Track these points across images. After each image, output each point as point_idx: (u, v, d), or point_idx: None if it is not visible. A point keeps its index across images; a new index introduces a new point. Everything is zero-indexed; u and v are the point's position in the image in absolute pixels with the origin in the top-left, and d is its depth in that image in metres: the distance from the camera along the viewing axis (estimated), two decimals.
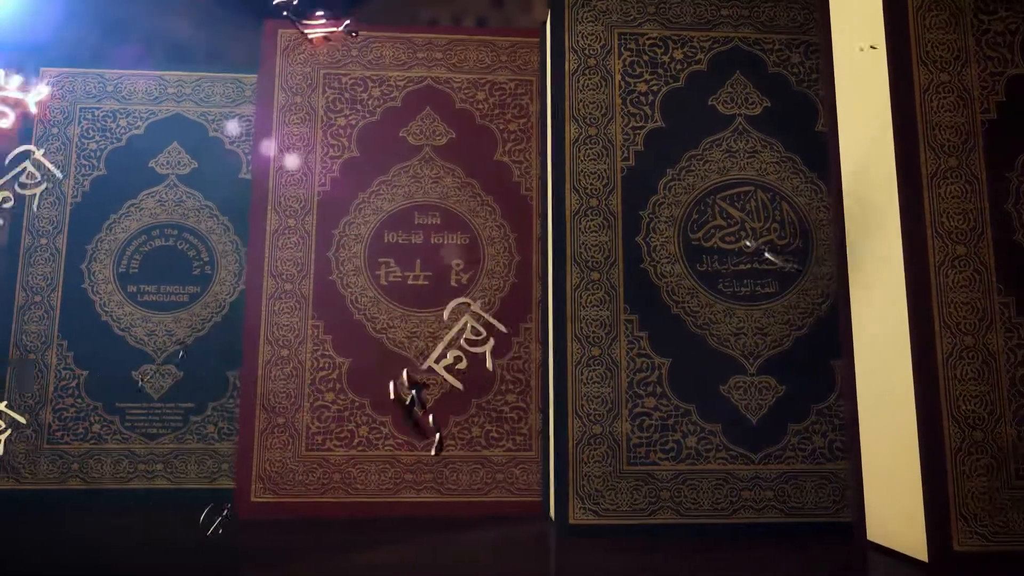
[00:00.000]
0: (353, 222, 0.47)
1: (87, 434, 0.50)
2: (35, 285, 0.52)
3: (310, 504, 0.44)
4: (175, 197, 0.53)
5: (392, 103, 0.48)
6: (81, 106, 0.54)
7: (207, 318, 0.52)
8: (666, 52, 0.43)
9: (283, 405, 0.45)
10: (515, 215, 0.48)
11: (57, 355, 0.51)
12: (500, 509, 0.45)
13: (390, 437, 0.45)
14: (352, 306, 0.46)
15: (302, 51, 0.48)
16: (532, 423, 0.46)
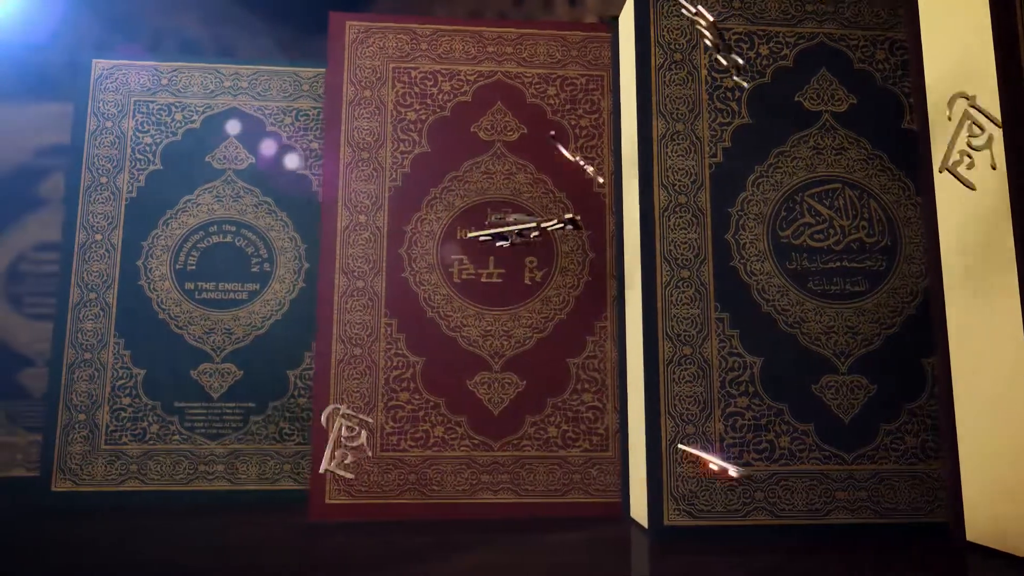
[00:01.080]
0: (425, 218, 0.46)
1: (145, 435, 0.49)
2: (90, 282, 0.50)
3: (386, 506, 0.44)
4: (232, 193, 0.52)
5: (463, 97, 0.48)
6: (135, 99, 0.53)
7: (267, 316, 0.51)
8: (752, 48, 0.42)
9: (357, 405, 0.44)
10: (590, 211, 0.47)
11: (114, 354, 0.50)
12: (577, 510, 0.44)
13: (466, 437, 0.45)
14: (425, 304, 0.46)
15: (371, 44, 0.47)
16: (609, 423, 0.45)
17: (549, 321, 0.46)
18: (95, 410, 0.49)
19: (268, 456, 0.50)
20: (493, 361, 0.45)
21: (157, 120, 0.52)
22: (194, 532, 0.42)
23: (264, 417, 0.50)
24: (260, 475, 0.50)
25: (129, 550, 0.38)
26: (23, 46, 0.62)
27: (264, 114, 0.53)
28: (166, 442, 0.49)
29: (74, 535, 0.41)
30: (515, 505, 0.44)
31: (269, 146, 0.53)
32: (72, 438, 0.49)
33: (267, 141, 0.53)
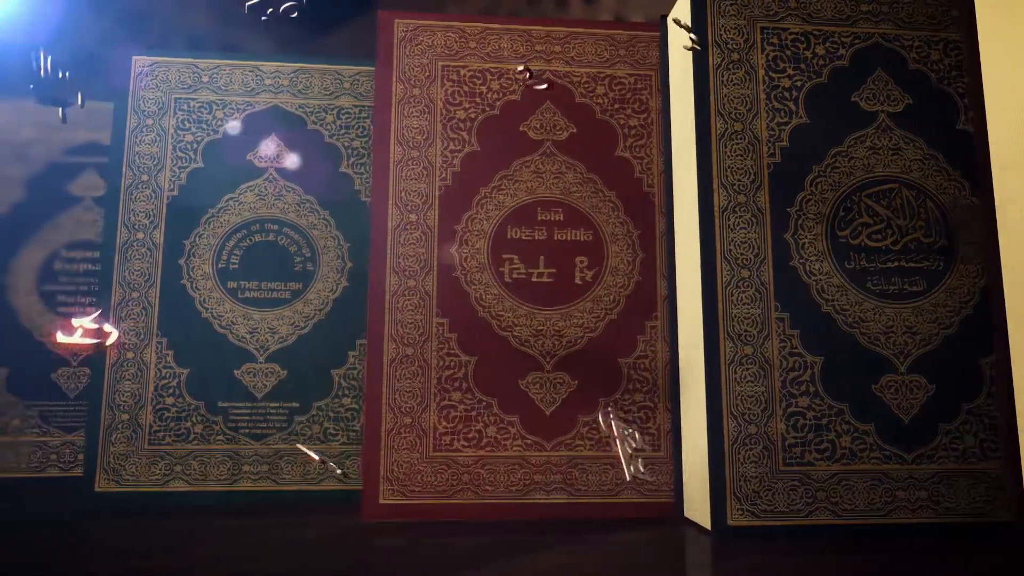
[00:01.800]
0: (475, 217, 0.46)
1: (189, 435, 0.49)
2: (132, 281, 0.50)
3: (439, 506, 0.43)
4: (275, 191, 0.52)
5: (512, 96, 0.47)
6: (176, 96, 0.52)
7: (310, 315, 0.51)
8: (808, 47, 0.42)
9: (409, 404, 0.44)
10: (637, 212, 0.47)
11: (156, 353, 0.50)
12: (630, 511, 0.44)
13: (518, 438, 0.44)
14: (476, 303, 0.45)
15: (419, 43, 0.47)
16: (660, 423, 0.45)
17: (600, 321, 0.46)
18: (138, 410, 0.49)
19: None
20: (545, 361, 0.45)
21: (198, 118, 0.52)
22: (249, 533, 0.41)
23: (308, 417, 0.50)
24: (304, 475, 0.49)
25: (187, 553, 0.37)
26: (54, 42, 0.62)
27: (305, 112, 0.53)
28: (210, 442, 0.49)
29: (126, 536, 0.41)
30: (568, 505, 0.44)
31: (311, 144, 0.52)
32: (115, 438, 0.48)
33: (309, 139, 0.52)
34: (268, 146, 0.52)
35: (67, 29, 0.65)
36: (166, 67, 0.52)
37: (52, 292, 0.58)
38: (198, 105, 0.52)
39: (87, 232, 0.59)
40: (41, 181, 0.59)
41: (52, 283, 0.58)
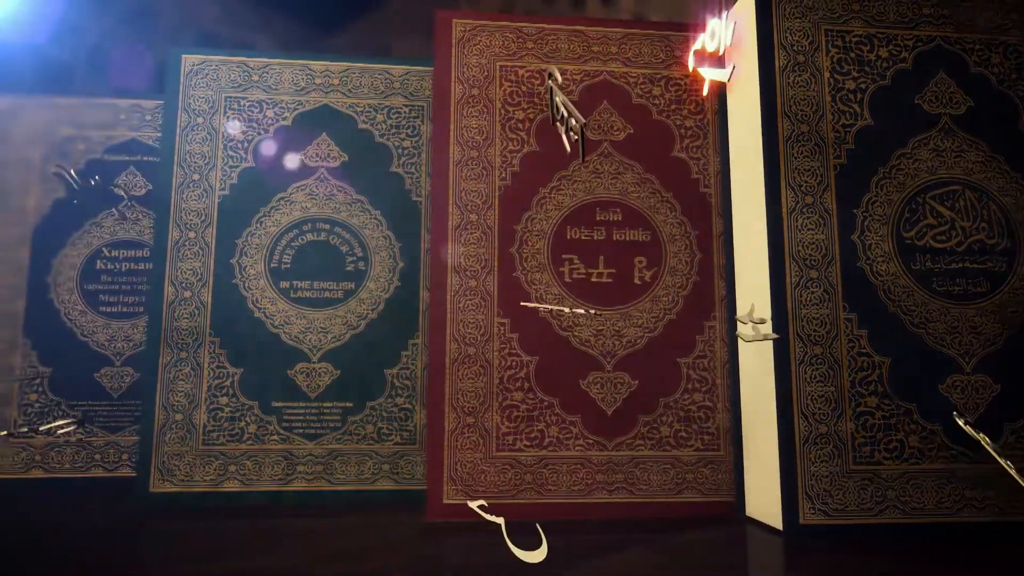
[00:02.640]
0: (535, 217, 0.46)
1: (243, 435, 0.49)
2: (184, 280, 0.50)
3: (502, 506, 0.43)
4: (326, 191, 0.52)
5: (569, 96, 0.47)
6: (226, 95, 0.52)
7: (363, 315, 0.51)
8: (871, 50, 0.43)
9: (472, 404, 0.44)
10: (695, 212, 0.47)
11: (210, 353, 0.49)
12: (690, 510, 0.44)
13: (580, 437, 0.45)
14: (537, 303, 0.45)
15: (477, 43, 0.47)
16: (720, 422, 0.46)
17: (659, 321, 0.46)
18: (192, 410, 0.49)
19: (367, 456, 0.50)
20: (605, 361, 0.45)
21: (249, 117, 0.52)
22: (319, 533, 0.41)
23: (362, 417, 0.50)
24: (358, 475, 0.49)
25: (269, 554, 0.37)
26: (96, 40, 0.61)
27: (355, 112, 0.53)
28: (264, 442, 0.49)
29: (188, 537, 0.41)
30: (629, 505, 0.44)
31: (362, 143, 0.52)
32: (169, 438, 0.48)
33: (360, 138, 0.52)
34: (319, 146, 0.52)
35: (113, 26, 0.64)
36: (216, 66, 0.52)
37: (94, 291, 0.57)
38: (248, 104, 0.52)
39: (129, 231, 0.58)
40: (81, 179, 0.58)
41: (94, 282, 0.57)
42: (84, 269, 0.57)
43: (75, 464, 0.55)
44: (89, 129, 0.59)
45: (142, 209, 0.58)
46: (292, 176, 0.52)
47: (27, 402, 0.55)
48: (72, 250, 0.57)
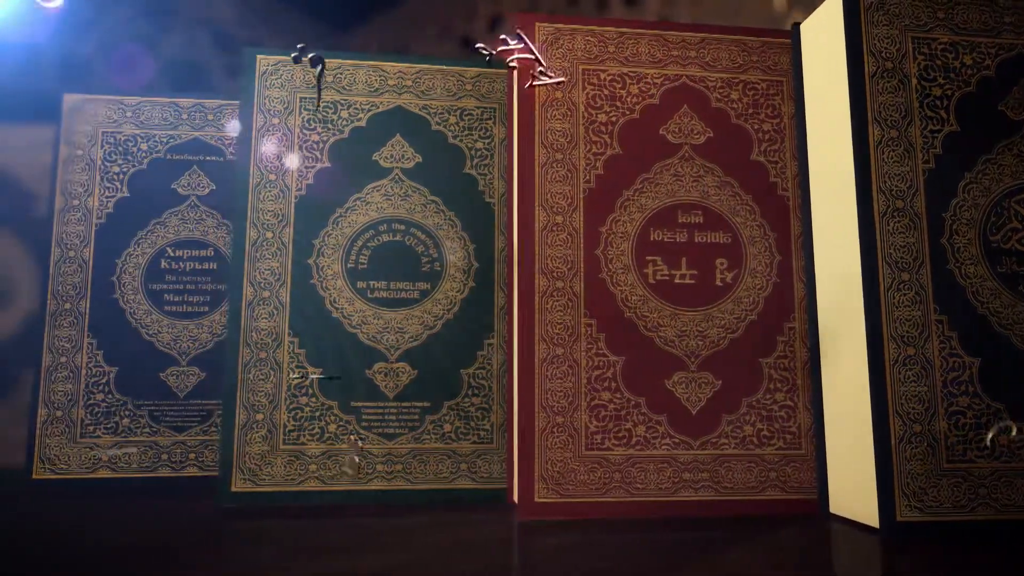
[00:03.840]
0: (619, 219, 0.47)
1: (323, 434, 0.49)
2: (262, 280, 0.50)
3: (592, 504, 0.44)
4: (401, 192, 0.52)
5: (651, 100, 0.48)
6: (300, 96, 0.52)
7: (439, 315, 0.51)
8: (956, 57, 0.44)
9: (561, 404, 0.45)
10: (773, 215, 0.48)
11: (288, 352, 0.50)
12: (774, 508, 0.45)
13: (666, 436, 0.45)
14: (623, 304, 0.46)
15: (560, 46, 0.48)
16: (801, 421, 0.46)
17: (741, 322, 0.47)
18: (273, 410, 0.49)
19: (445, 455, 0.50)
20: (689, 361, 0.46)
21: (323, 118, 0.52)
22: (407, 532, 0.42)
23: (439, 416, 0.50)
24: (437, 474, 0.50)
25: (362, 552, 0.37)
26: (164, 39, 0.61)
27: (428, 113, 0.53)
28: (343, 442, 0.49)
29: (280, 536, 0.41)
30: (715, 503, 0.45)
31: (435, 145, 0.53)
32: (251, 438, 0.48)
33: (433, 140, 0.53)
34: (393, 147, 0.52)
35: (187, 25, 0.64)
36: (290, 67, 0.52)
37: (159, 291, 0.57)
38: (323, 105, 0.52)
39: (192, 231, 0.58)
40: (145, 179, 0.58)
41: (158, 282, 0.57)
42: (148, 268, 0.57)
43: (142, 464, 0.55)
44: (152, 128, 0.59)
45: (206, 209, 0.58)
46: (367, 177, 0.52)
47: (93, 401, 0.55)
48: (136, 249, 0.57)
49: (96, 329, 0.56)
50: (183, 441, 0.56)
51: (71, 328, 0.56)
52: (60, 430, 0.55)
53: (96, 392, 0.55)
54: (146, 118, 0.59)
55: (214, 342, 0.57)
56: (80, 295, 0.56)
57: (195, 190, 0.59)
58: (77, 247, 0.57)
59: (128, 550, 0.38)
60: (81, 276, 0.56)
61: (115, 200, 0.58)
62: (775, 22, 0.89)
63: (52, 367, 0.55)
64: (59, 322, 0.56)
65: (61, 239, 0.57)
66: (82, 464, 0.54)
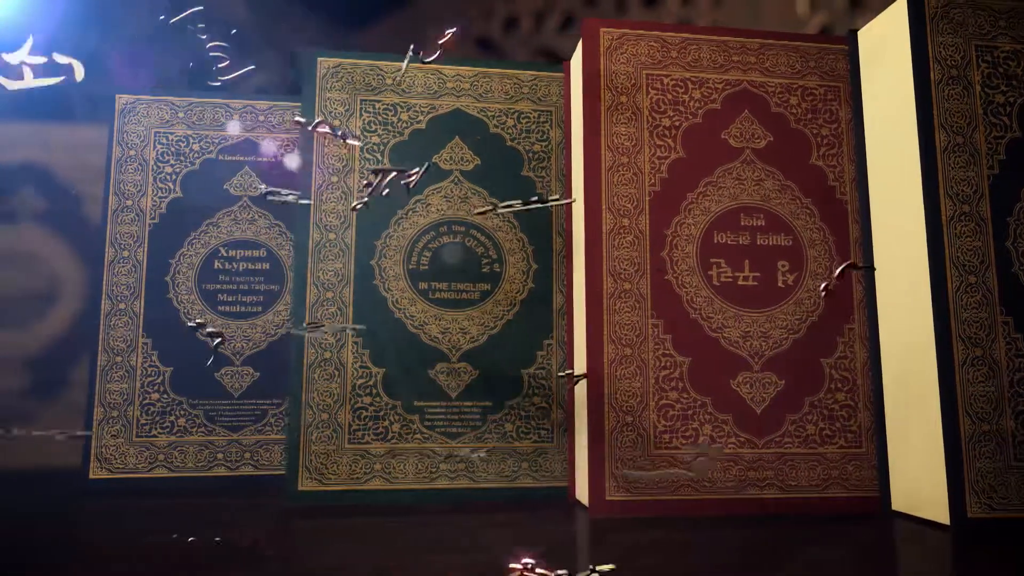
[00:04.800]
0: (684, 222, 0.48)
1: (387, 433, 0.50)
2: (326, 281, 0.51)
3: (661, 502, 0.45)
4: (460, 194, 0.53)
5: (712, 105, 0.49)
6: (361, 98, 0.53)
7: (499, 316, 0.52)
8: (1019, 65, 0.45)
9: (630, 404, 0.46)
10: (832, 218, 0.49)
11: (353, 353, 0.50)
12: (836, 506, 0.46)
13: (732, 435, 0.46)
14: (688, 306, 0.47)
15: (624, 51, 0.49)
16: (861, 420, 0.47)
17: (802, 323, 0.48)
18: (337, 409, 0.49)
19: (507, 455, 0.51)
20: (753, 361, 0.47)
21: (384, 120, 0.53)
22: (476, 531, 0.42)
23: (500, 416, 0.51)
24: (499, 473, 0.50)
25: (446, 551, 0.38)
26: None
27: (486, 116, 0.54)
28: (408, 440, 0.50)
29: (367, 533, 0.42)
30: (779, 500, 0.46)
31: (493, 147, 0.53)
32: (316, 437, 0.49)
33: (491, 142, 0.53)
34: (452, 149, 0.53)
35: (247, 25, 0.65)
36: (350, 69, 0.53)
37: (212, 291, 0.58)
38: (383, 107, 0.53)
39: (245, 231, 0.59)
40: (197, 179, 0.58)
41: (212, 282, 0.58)
42: (202, 269, 0.58)
43: (198, 463, 0.55)
44: (203, 129, 0.59)
45: (258, 209, 0.59)
46: (427, 179, 0.53)
47: (149, 401, 0.56)
48: (190, 250, 0.58)
49: (151, 329, 0.56)
50: (238, 440, 0.56)
51: (126, 328, 0.56)
52: (116, 430, 0.55)
53: (151, 392, 0.56)
54: (197, 119, 0.59)
55: (267, 342, 0.58)
56: (134, 295, 0.56)
57: (247, 191, 0.59)
58: (131, 247, 0.57)
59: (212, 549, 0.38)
60: (135, 276, 0.57)
61: (168, 200, 0.58)
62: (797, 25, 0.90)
63: (107, 367, 0.55)
64: (113, 322, 0.56)
65: (115, 239, 0.57)
66: (139, 464, 0.55)
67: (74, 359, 0.63)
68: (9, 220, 0.63)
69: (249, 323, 0.58)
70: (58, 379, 0.63)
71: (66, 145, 0.65)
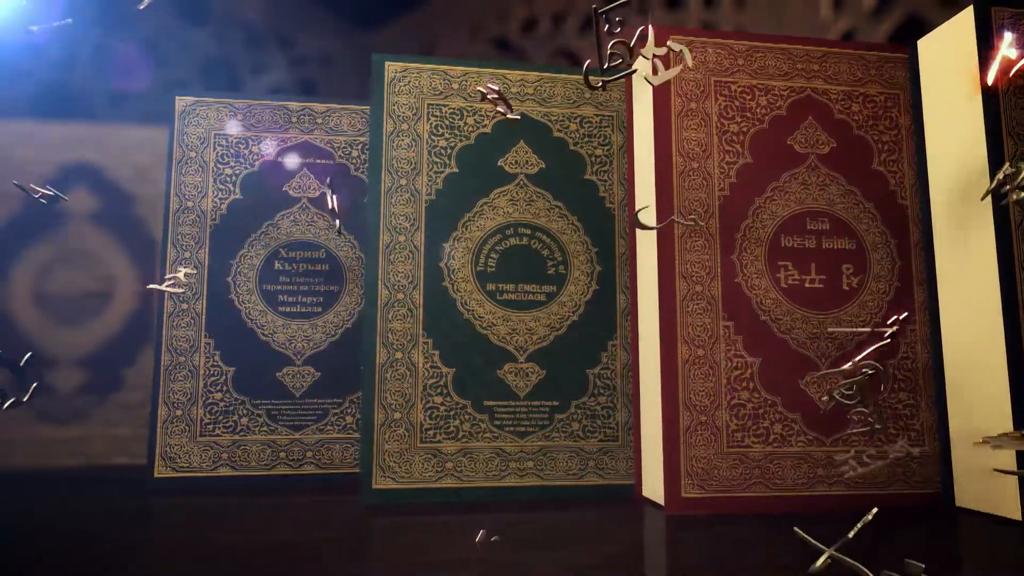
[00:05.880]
0: (752, 226, 0.49)
1: (458, 433, 0.51)
2: (396, 283, 0.51)
3: (734, 499, 0.46)
4: (525, 196, 0.54)
5: (778, 111, 0.50)
6: (428, 102, 0.54)
7: (564, 317, 0.53)
8: None
9: (703, 403, 0.47)
10: (893, 222, 0.50)
11: (423, 353, 0.51)
12: (900, 501, 0.48)
13: (801, 434, 0.47)
14: (757, 308, 0.48)
15: (693, 58, 0.50)
16: (924, 419, 0.49)
17: (866, 324, 0.49)
18: (409, 409, 0.50)
19: (573, 453, 0.52)
20: (820, 362, 0.48)
21: (451, 124, 0.54)
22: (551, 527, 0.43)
23: (567, 415, 0.52)
24: (567, 471, 0.51)
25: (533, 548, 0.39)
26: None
27: (550, 120, 0.55)
28: (477, 439, 0.51)
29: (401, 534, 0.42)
30: (846, 497, 0.47)
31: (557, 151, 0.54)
32: (389, 437, 0.50)
33: (555, 146, 0.54)
34: (517, 153, 0.54)
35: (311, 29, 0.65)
36: (417, 73, 0.54)
37: (273, 292, 0.58)
38: (449, 111, 0.54)
39: (304, 232, 0.59)
40: (256, 181, 0.59)
41: (272, 283, 0.58)
42: (262, 269, 0.58)
43: (260, 462, 0.56)
44: (262, 131, 0.59)
45: (317, 211, 0.60)
46: (493, 182, 0.53)
47: (212, 400, 0.56)
48: (250, 251, 0.58)
49: (213, 329, 0.57)
50: (300, 440, 0.57)
51: (188, 328, 0.57)
52: (180, 429, 0.55)
53: (215, 391, 0.56)
54: (256, 121, 0.59)
55: (328, 342, 0.58)
56: (196, 296, 0.57)
57: (306, 192, 0.60)
58: (192, 248, 0.57)
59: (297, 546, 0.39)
60: (197, 277, 0.57)
61: (228, 202, 0.58)
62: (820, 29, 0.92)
63: (171, 367, 0.56)
64: (176, 322, 0.56)
65: (176, 240, 0.57)
66: (203, 463, 0.55)
67: (129, 358, 0.63)
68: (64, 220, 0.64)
69: (310, 323, 0.58)
70: (113, 378, 0.63)
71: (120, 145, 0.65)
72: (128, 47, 0.78)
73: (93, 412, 0.62)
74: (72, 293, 0.63)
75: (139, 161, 0.65)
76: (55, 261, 0.63)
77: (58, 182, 0.64)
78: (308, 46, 1.15)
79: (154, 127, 0.65)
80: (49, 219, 0.64)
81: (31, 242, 0.63)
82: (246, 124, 0.59)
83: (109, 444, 0.62)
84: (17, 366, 0.38)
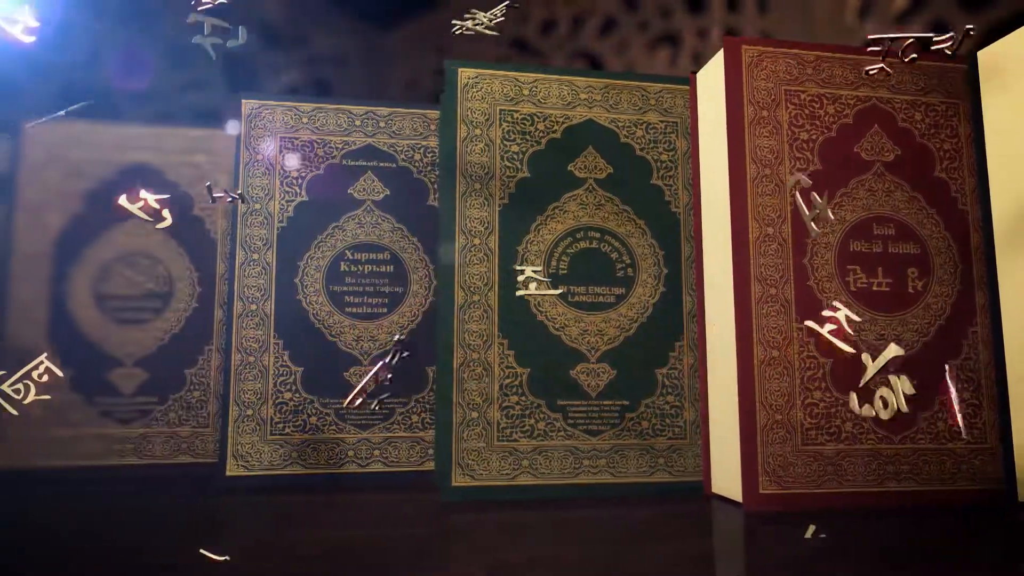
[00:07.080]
0: (823, 231, 0.50)
1: (533, 431, 0.52)
2: (472, 285, 0.52)
3: (809, 495, 0.48)
4: (595, 201, 0.55)
5: (845, 120, 0.52)
6: (500, 108, 0.55)
7: (633, 318, 0.54)
8: None
9: (779, 403, 0.48)
10: (956, 228, 0.52)
11: (499, 354, 0.52)
12: (964, 498, 0.49)
13: (871, 432, 0.49)
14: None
15: (764, 68, 0.51)
16: (986, 418, 0.51)
17: (931, 327, 0.51)
18: (487, 408, 0.51)
19: (643, 451, 0.53)
20: (888, 363, 0.50)
21: (522, 130, 0.55)
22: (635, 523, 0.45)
23: (637, 414, 0.53)
24: (638, 468, 0.53)
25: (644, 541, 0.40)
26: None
27: (617, 126, 0.56)
28: (552, 438, 0.52)
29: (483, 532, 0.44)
30: (914, 492, 0.49)
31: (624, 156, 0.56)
32: (467, 435, 0.51)
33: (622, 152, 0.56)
34: (586, 158, 0.55)
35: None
36: (490, 79, 0.55)
37: (339, 293, 0.59)
38: (521, 117, 0.55)
39: (368, 234, 0.60)
40: (321, 183, 0.60)
41: (338, 284, 0.59)
42: (328, 271, 0.59)
43: (330, 460, 0.57)
44: (327, 134, 0.60)
45: (381, 213, 0.61)
46: (563, 187, 0.55)
47: (282, 400, 0.57)
48: (316, 252, 0.59)
49: (281, 330, 0.58)
50: (367, 439, 0.58)
51: (257, 329, 0.57)
52: (251, 428, 0.56)
53: (284, 391, 0.57)
54: (321, 124, 0.60)
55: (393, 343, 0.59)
56: (265, 297, 0.58)
57: (370, 195, 0.61)
58: (260, 250, 0.58)
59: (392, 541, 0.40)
60: (265, 278, 0.58)
61: (295, 204, 0.59)
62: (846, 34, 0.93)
63: (241, 367, 0.57)
64: (245, 323, 0.57)
65: (245, 242, 0.58)
66: (273, 461, 0.56)
67: (190, 358, 0.64)
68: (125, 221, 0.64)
69: (375, 324, 0.59)
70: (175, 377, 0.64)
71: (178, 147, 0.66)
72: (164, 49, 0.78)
73: (154, 411, 0.63)
74: (133, 293, 0.63)
75: (197, 162, 0.66)
76: (115, 261, 0.64)
77: (117, 184, 0.64)
78: (321, 45, 1.15)
79: (212, 128, 0.66)
80: (109, 220, 0.64)
81: (92, 242, 0.64)
82: (311, 128, 0.60)
83: (171, 443, 0.62)
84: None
